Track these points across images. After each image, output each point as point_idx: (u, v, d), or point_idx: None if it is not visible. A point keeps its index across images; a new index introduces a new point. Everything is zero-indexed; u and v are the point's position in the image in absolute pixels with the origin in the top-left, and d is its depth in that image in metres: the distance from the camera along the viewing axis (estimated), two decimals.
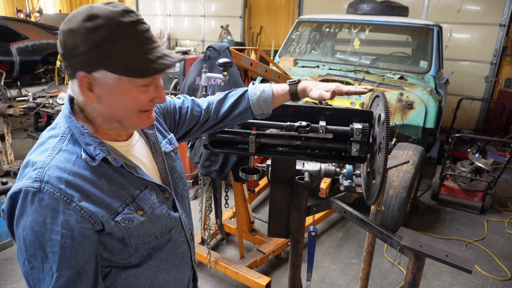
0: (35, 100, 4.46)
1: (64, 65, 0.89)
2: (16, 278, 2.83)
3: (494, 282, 3.02)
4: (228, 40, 8.91)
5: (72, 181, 0.87)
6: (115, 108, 0.92)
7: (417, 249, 1.26)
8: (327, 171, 1.57)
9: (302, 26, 5.28)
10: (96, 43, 0.83)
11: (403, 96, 3.76)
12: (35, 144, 0.95)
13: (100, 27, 0.83)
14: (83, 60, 0.85)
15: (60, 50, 0.88)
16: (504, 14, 6.87)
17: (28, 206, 0.85)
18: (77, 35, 0.83)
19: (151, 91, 0.94)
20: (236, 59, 2.37)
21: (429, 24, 4.52)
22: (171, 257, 1.10)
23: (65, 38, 0.85)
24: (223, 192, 2.92)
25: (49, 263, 0.86)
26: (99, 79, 0.87)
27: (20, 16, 11.89)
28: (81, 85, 0.88)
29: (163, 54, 0.90)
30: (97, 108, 0.93)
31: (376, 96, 1.43)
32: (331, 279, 2.98)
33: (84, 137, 0.91)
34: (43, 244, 0.85)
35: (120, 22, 0.84)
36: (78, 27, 0.83)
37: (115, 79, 0.87)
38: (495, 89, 7.28)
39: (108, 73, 0.86)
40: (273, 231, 1.64)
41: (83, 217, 0.87)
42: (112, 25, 0.83)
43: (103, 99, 0.90)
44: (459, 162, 4.45)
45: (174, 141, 1.22)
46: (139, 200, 0.99)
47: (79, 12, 0.85)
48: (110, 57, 0.84)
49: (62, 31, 0.86)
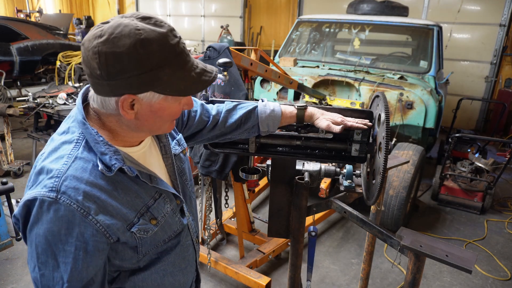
0: (35, 100, 4.46)
1: (97, 84, 0.85)
2: (16, 278, 2.83)
3: (494, 282, 3.02)
4: (228, 40, 8.91)
5: (90, 192, 0.86)
6: (153, 122, 0.93)
7: (417, 249, 1.26)
8: (327, 171, 1.57)
9: (302, 26, 5.28)
10: (149, 68, 0.82)
11: (403, 96, 3.76)
12: (47, 148, 0.93)
13: (154, 54, 0.82)
14: (131, 83, 0.83)
15: (96, 71, 0.82)
16: (504, 14, 6.87)
17: (44, 215, 0.84)
18: (127, 60, 0.80)
19: (184, 100, 0.96)
20: (236, 59, 2.37)
21: (429, 24, 4.52)
22: (178, 261, 1.10)
23: (108, 61, 0.80)
24: (223, 192, 2.92)
25: (60, 273, 0.86)
26: (144, 99, 0.87)
27: (20, 16, 11.89)
28: (123, 105, 0.87)
29: (202, 70, 0.91)
30: (128, 122, 0.92)
31: (376, 96, 1.43)
32: (331, 279, 2.98)
33: (99, 145, 0.90)
34: (55, 254, 0.85)
35: (170, 46, 0.84)
36: (128, 52, 0.80)
37: (160, 99, 0.88)
38: (495, 89, 7.28)
39: (156, 94, 0.87)
40: (273, 231, 1.64)
41: (98, 230, 0.87)
42: (165, 50, 0.83)
43: (142, 116, 0.90)
44: (459, 162, 4.45)
45: (182, 141, 1.22)
46: (153, 209, 0.98)
47: (124, 35, 0.80)
48: (160, 80, 0.84)
49: (103, 52, 0.80)
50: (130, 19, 0.84)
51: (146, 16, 0.86)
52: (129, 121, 0.91)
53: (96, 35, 0.82)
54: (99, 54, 0.80)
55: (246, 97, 2.28)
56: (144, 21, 0.84)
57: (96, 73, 0.82)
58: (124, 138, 0.97)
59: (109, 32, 0.81)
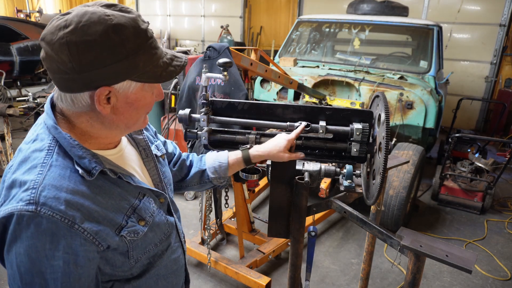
0: (35, 100, 4.46)
1: (68, 79, 0.79)
2: None
3: (494, 282, 3.02)
4: (228, 40, 8.91)
5: (72, 200, 0.80)
6: (129, 115, 0.89)
7: (417, 249, 1.26)
8: (327, 171, 1.57)
9: (302, 26, 5.28)
10: (124, 55, 0.78)
11: (403, 96, 3.76)
12: (16, 159, 0.85)
13: (128, 39, 0.78)
14: (107, 73, 0.79)
15: (66, 64, 0.76)
16: (504, 14, 6.87)
17: (23, 232, 0.76)
18: (100, 48, 0.76)
19: (155, 91, 0.94)
20: (236, 59, 2.37)
21: (429, 24, 4.52)
22: (169, 264, 1.08)
23: (79, 51, 0.75)
24: (223, 192, 2.92)
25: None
26: (120, 89, 0.83)
27: (20, 16, 11.89)
28: (100, 99, 0.82)
29: (172, 56, 0.89)
30: (103, 118, 0.87)
31: (376, 96, 1.43)
32: (331, 279, 2.98)
33: (76, 149, 0.84)
34: (42, 272, 0.78)
35: (142, 30, 0.82)
36: (101, 40, 0.76)
37: (137, 87, 0.85)
38: (495, 89, 7.28)
39: (133, 82, 0.84)
40: (273, 231, 1.64)
41: (86, 239, 0.81)
42: (138, 35, 0.80)
43: (119, 109, 0.86)
44: (459, 162, 4.45)
45: (161, 147, 1.20)
46: (139, 210, 0.95)
47: (94, 22, 0.76)
48: (136, 67, 0.81)
49: (73, 42, 0.75)
50: (95, 7, 0.79)
51: (110, 4, 0.82)
52: (104, 118, 0.86)
53: (59, 26, 0.76)
54: (68, 44, 0.75)
55: (246, 97, 2.28)
56: (109, 8, 0.80)
57: (66, 67, 0.77)
58: (97, 140, 0.92)
59: (75, 21, 0.75)
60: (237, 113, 1.41)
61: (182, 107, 2.28)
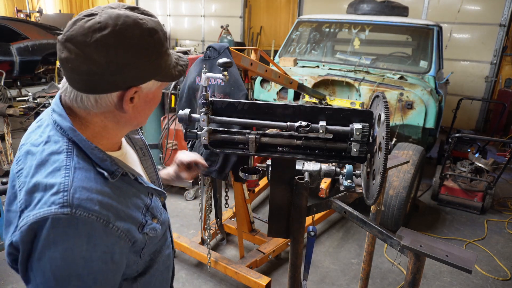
0: (35, 100, 4.45)
1: (99, 80, 0.80)
2: (16, 278, 2.83)
3: (494, 282, 3.02)
4: (228, 40, 8.91)
5: (103, 201, 0.81)
6: (144, 113, 0.94)
7: (417, 249, 1.26)
8: (327, 171, 1.57)
9: (302, 26, 5.28)
10: (155, 57, 0.84)
11: (403, 96, 3.76)
12: (30, 162, 0.83)
13: (159, 42, 0.84)
14: (140, 74, 0.83)
15: (101, 66, 0.78)
16: (504, 14, 6.87)
17: (59, 235, 0.76)
18: (137, 50, 0.80)
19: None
20: (236, 59, 2.37)
21: (429, 24, 4.52)
22: (165, 259, 1.11)
23: (118, 53, 0.78)
24: (223, 192, 2.92)
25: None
26: (144, 89, 0.87)
27: (20, 16, 11.89)
28: (127, 99, 0.85)
29: (178, 57, 0.95)
30: (122, 117, 0.89)
31: (376, 96, 1.43)
32: (331, 279, 2.98)
33: (96, 151, 0.85)
34: (79, 274, 0.78)
35: (165, 33, 0.88)
36: (139, 42, 0.80)
37: (157, 86, 0.90)
38: (495, 89, 7.29)
39: (156, 82, 0.89)
40: (273, 231, 1.64)
41: (120, 237, 0.84)
42: (164, 38, 0.86)
43: (137, 108, 0.90)
44: (459, 162, 4.45)
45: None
46: (151, 208, 0.98)
47: (130, 25, 0.79)
48: (160, 67, 0.86)
49: (111, 45, 0.77)
50: (122, 10, 0.82)
51: (133, 7, 0.86)
52: (122, 116, 0.89)
53: (93, 28, 0.77)
54: (107, 46, 0.77)
55: (246, 97, 2.28)
56: (134, 11, 0.84)
57: (100, 68, 0.78)
58: (107, 141, 0.94)
59: (112, 24, 0.78)
60: (237, 113, 1.41)
61: (182, 107, 2.28)
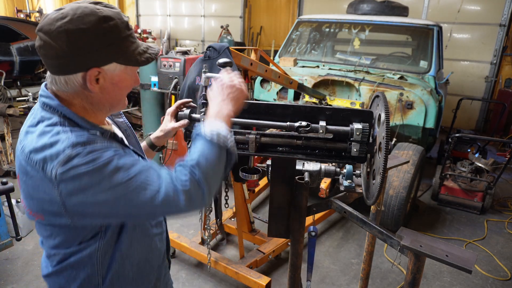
0: (35, 100, 4.46)
1: (62, 63, 0.93)
2: (16, 278, 2.83)
3: (494, 282, 3.02)
4: (228, 40, 8.91)
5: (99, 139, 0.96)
6: (114, 95, 1.03)
7: (417, 249, 1.26)
8: (327, 171, 1.57)
9: (302, 26, 5.28)
10: (111, 41, 0.95)
11: (403, 96, 3.76)
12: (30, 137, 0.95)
13: (115, 28, 0.95)
14: (98, 56, 0.94)
15: (63, 49, 0.91)
16: (504, 14, 6.87)
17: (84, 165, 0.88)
18: (93, 35, 0.92)
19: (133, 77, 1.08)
20: (236, 59, 2.37)
21: (429, 24, 4.52)
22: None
23: (76, 37, 0.91)
24: (223, 192, 2.92)
25: (135, 172, 0.94)
26: (107, 71, 0.98)
27: (20, 16, 11.87)
28: (91, 79, 0.96)
29: (147, 46, 1.06)
30: (92, 98, 1.01)
31: (376, 96, 1.43)
32: (331, 279, 2.98)
33: (85, 121, 0.99)
34: (115, 167, 0.92)
35: (125, 22, 0.99)
36: (93, 28, 0.92)
37: (121, 69, 1.00)
38: (495, 89, 7.28)
39: (118, 65, 0.99)
40: (273, 231, 1.64)
41: (117, 151, 0.96)
42: (122, 26, 0.97)
43: (106, 89, 1.00)
44: (459, 162, 4.45)
45: None
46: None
47: (87, 14, 0.92)
48: (121, 52, 0.97)
49: (70, 30, 0.90)
50: (85, 3, 0.96)
51: (97, 2, 0.99)
52: (93, 98, 1.00)
53: (56, 18, 0.91)
54: (67, 32, 0.90)
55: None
56: (97, 4, 0.97)
57: (63, 52, 0.91)
58: (93, 115, 1.04)
59: (71, 13, 0.91)
60: None
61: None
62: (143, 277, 1.18)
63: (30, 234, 3.38)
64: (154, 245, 1.20)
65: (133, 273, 1.13)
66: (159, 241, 1.23)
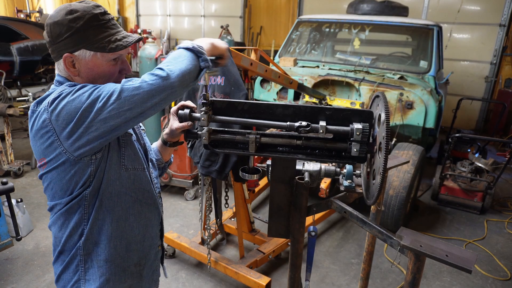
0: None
1: (51, 50, 1.16)
2: (16, 278, 2.83)
3: (494, 282, 3.03)
4: (228, 40, 8.90)
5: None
6: (93, 79, 1.19)
7: (417, 249, 1.26)
8: (327, 171, 1.57)
9: (302, 26, 5.28)
10: (76, 29, 1.12)
11: (403, 96, 3.76)
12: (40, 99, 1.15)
13: (79, 18, 1.12)
14: (67, 43, 1.13)
15: (47, 39, 1.16)
16: (504, 14, 6.87)
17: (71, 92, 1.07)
18: (61, 25, 1.12)
19: (119, 64, 1.23)
20: (236, 59, 2.37)
21: (429, 24, 4.52)
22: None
23: (51, 29, 1.14)
24: (223, 192, 2.92)
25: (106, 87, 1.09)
26: (79, 56, 1.16)
27: (20, 16, 11.88)
28: (66, 63, 1.16)
29: (126, 35, 1.21)
30: (78, 81, 1.18)
31: (376, 96, 1.43)
32: (331, 279, 2.98)
33: None
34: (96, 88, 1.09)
35: (93, 13, 1.15)
36: (62, 19, 1.12)
37: (91, 55, 1.16)
38: (495, 89, 7.29)
39: (86, 51, 1.15)
40: (273, 231, 1.64)
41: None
42: (87, 15, 1.13)
43: (83, 73, 1.18)
44: (459, 162, 4.45)
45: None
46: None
47: (61, 9, 1.14)
48: (87, 39, 1.14)
49: (48, 24, 1.14)
50: (74, 2, 1.16)
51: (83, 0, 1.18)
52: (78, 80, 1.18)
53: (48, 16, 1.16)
54: (47, 26, 1.16)
55: (246, 97, 2.28)
56: (81, 2, 1.16)
57: (48, 42, 1.16)
58: None
59: (54, 11, 1.15)
60: (237, 113, 1.41)
61: None
62: (122, 239, 1.27)
63: (30, 234, 3.38)
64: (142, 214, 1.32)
65: (112, 229, 1.24)
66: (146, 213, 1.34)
